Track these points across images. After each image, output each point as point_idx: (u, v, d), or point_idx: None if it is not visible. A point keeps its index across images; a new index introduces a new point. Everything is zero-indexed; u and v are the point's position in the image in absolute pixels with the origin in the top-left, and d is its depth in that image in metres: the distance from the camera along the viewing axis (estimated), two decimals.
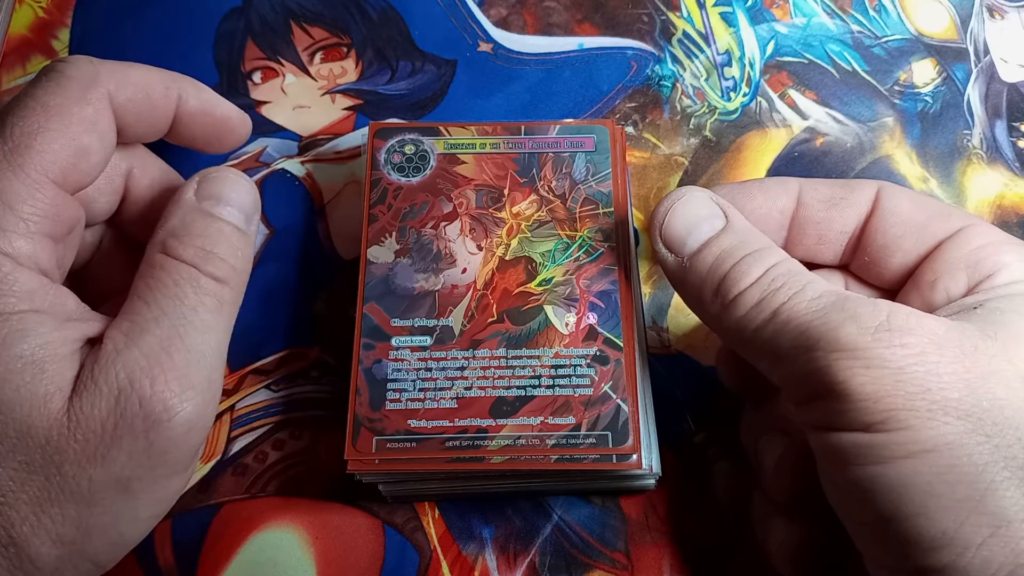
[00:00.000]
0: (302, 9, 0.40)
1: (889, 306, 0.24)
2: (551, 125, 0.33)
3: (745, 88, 0.39)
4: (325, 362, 0.34)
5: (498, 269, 0.31)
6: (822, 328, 0.24)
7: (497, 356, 0.29)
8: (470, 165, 0.33)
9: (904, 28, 0.40)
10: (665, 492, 0.32)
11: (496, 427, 0.28)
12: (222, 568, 0.30)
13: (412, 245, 0.31)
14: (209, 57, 0.39)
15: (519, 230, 0.31)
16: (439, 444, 0.28)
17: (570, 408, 0.29)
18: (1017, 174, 0.38)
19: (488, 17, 0.40)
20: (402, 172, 0.32)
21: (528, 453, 0.28)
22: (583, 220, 0.32)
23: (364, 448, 0.28)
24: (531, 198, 0.32)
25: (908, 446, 0.22)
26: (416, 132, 0.33)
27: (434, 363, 0.29)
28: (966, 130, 0.38)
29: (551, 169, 0.32)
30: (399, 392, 0.29)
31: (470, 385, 0.29)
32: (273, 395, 0.34)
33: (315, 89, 0.39)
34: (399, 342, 0.30)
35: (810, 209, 0.29)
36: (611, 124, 0.33)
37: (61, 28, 0.40)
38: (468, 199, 0.32)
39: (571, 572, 0.31)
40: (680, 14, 0.41)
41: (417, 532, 0.31)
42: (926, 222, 0.28)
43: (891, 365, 0.23)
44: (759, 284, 0.26)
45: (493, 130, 0.33)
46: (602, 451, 0.28)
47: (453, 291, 0.30)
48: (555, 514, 0.32)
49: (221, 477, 0.32)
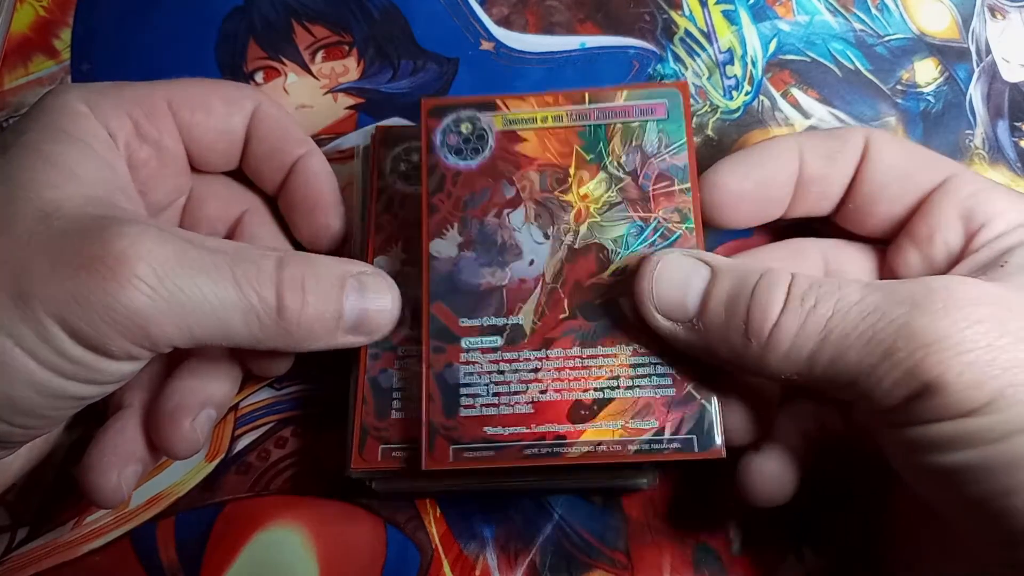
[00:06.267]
0: (304, 8, 0.40)
1: (938, 282, 0.24)
2: (618, 91, 0.30)
3: (747, 87, 0.39)
4: (327, 361, 0.34)
5: (567, 260, 0.29)
6: (891, 328, 0.23)
7: (571, 356, 0.28)
8: (531, 143, 0.30)
9: (906, 27, 0.40)
10: (665, 492, 0.32)
11: (575, 432, 0.27)
12: (226, 566, 0.31)
13: (475, 236, 0.29)
14: (211, 57, 0.39)
15: (588, 214, 0.29)
16: (518, 452, 0.27)
17: (652, 410, 0.27)
18: (1019, 174, 0.38)
19: (490, 16, 0.40)
20: (460, 155, 0.30)
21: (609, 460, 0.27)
22: (657, 199, 0.29)
23: (441, 457, 0.27)
24: (599, 177, 0.29)
25: (1018, 421, 0.22)
26: (472, 108, 0.30)
27: (506, 365, 0.28)
28: (968, 130, 0.38)
29: (620, 142, 0.29)
30: (473, 398, 0.27)
31: (545, 388, 0.27)
32: (276, 393, 0.34)
33: (317, 88, 0.39)
34: (469, 343, 0.28)
35: (812, 167, 0.29)
36: (684, 87, 0.30)
37: (63, 27, 0.40)
38: (531, 182, 0.29)
39: (571, 572, 0.31)
40: (682, 12, 0.41)
41: (418, 531, 0.32)
42: (913, 171, 0.28)
43: (979, 344, 0.22)
44: (790, 310, 0.24)
45: (555, 100, 0.30)
46: (688, 456, 0.26)
47: (521, 286, 0.28)
48: (556, 513, 0.32)
49: (225, 475, 0.32)
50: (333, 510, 0.32)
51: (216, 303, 0.25)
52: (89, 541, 0.31)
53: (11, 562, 0.31)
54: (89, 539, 0.31)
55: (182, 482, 0.32)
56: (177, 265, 0.24)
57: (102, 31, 0.40)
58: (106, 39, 0.40)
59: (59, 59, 0.39)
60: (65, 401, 0.25)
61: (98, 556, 0.31)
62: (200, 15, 0.40)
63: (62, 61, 0.39)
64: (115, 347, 0.24)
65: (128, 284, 0.23)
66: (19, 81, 0.39)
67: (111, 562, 0.31)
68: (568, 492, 0.32)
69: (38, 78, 0.39)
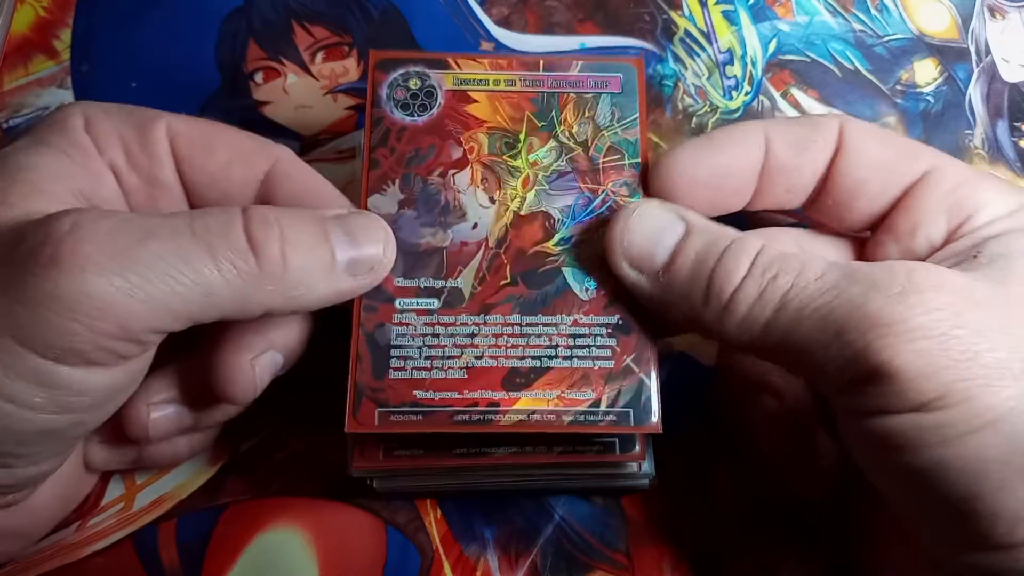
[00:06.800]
0: (304, 8, 0.40)
1: (901, 266, 0.23)
2: (573, 61, 0.30)
3: (747, 87, 0.39)
4: (329, 362, 0.34)
5: (512, 225, 0.28)
6: (846, 307, 0.22)
7: (511, 323, 0.27)
8: (482, 105, 0.29)
9: (906, 27, 0.40)
10: (666, 492, 0.32)
11: (509, 400, 0.26)
12: (227, 569, 0.31)
13: (418, 195, 0.28)
14: (211, 58, 0.39)
15: (536, 181, 0.28)
16: (447, 417, 0.26)
17: (589, 381, 0.26)
18: (1019, 174, 0.38)
19: (490, 16, 0.40)
20: (406, 110, 0.29)
21: (542, 429, 0.26)
22: (607, 172, 0.28)
23: (366, 420, 0.26)
24: (549, 145, 0.29)
25: (972, 420, 0.21)
26: (422, 64, 0.29)
27: (442, 328, 0.27)
28: (968, 130, 0.38)
29: (572, 112, 0.29)
30: (404, 360, 0.27)
31: (481, 354, 0.27)
32: (278, 395, 0.34)
33: (317, 89, 0.39)
34: (403, 304, 0.27)
35: (780, 157, 0.27)
36: (639, 62, 0.30)
37: (62, 28, 0.40)
38: (480, 144, 0.29)
39: (572, 572, 0.31)
40: (682, 12, 0.41)
41: (419, 532, 0.32)
42: (893, 164, 0.27)
43: (933, 333, 0.21)
44: (752, 277, 0.24)
45: (508, 64, 0.30)
46: (623, 429, 0.26)
47: (463, 249, 0.28)
48: (556, 514, 0.32)
49: (227, 478, 0.32)
50: (334, 512, 0.32)
51: (183, 267, 0.22)
52: (92, 543, 0.31)
53: (14, 564, 0.31)
54: (92, 541, 0.31)
55: (185, 485, 0.32)
56: (127, 237, 0.22)
57: (102, 31, 0.40)
58: (106, 39, 0.39)
59: (59, 59, 0.39)
60: (53, 434, 0.23)
61: (100, 558, 0.31)
62: (200, 15, 0.40)
63: (62, 61, 0.39)
64: (85, 345, 0.22)
65: (75, 269, 0.21)
66: (19, 82, 0.39)
67: (113, 564, 0.31)
68: (568, 493, 0.32)
69: (38, 79, 0.39)
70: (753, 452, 0.30)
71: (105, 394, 0.24)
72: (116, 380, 0.23)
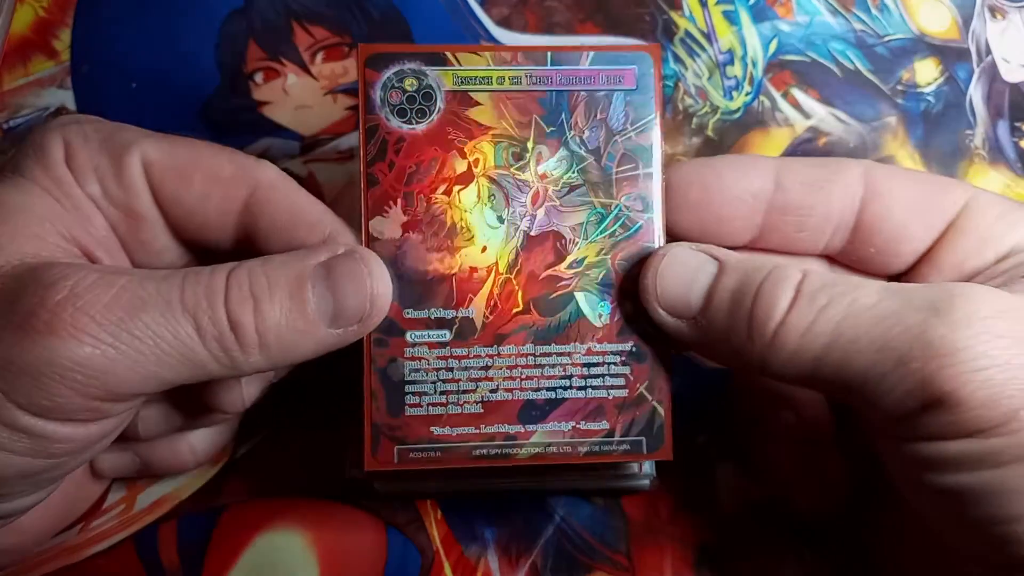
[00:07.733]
0: (303, 9, 0.40)
1: (959, 290, 0.22)
2: (583, 52, 0.27)
3: (747, 87, 0.39)
4: (329, 364, 0.34)
5: (523, 247, 0.26)
6: (906, 336, 0.22)
7: (524, 353, 0.26)
8: (486, 108, 0.27)
9: (906, 27, 0.40)
10: (667, 493, 0.32)
11: (525, 433, 0.26)
12: (227, 569, 0.31)
13: (422, 216, 0.26)
14: (211, 59, 0.39)
15: (547, 197, 0.26)
16: (466, 453, 0.26)
17: (603, 412, 0.26)
18: (1019, 174, 0.38)
19: (490, 16, 0.40)
20: (403, 116, 0.26)
21: (559, 461, 0.26)
22: (620, 184, 0.27)
23: (385, 458, 0.26)
24: (560, 154, 0.27)
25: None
26: (418, 60, 0.26)
27: (455, 362, 0.26)
28: (968, 130, 0.38)
29: (583, 114, 0.27)
30: (419, 396, 0.26)
31: (496, 387, 0.26)
32: (277, 396, 0.34)
33: (317, 89, 0.39)
34: (414, 337, 0.26)
35: (791, 193, 0.27)
36: (655, 49, 0.27)
37: (62, 28, 0.40)
38: (485, 155, 0.26)
39: (572, 573, 0.31)
40: (682, 13, 0.40)
41: (420, 533, 0.32)
42: (927, 203, 0.27)
43: (998, 361, 0.21)
44: (798, 308, 0.23)
45: (512, 58, 0.27)
46: (635, 458, 0.26)
47: (472, 275, 0.26)
48: (557, 515, 0.32)
49: (227, 479, 0.32)
50: (334, 512, 0.32)
51: (172, 339, 0.22)
52: (94, 544, 0.31)
53: (16, 565, 0.31)
54: (94, 542, 0.32)
55: (185, 486, 0.32)
56: (122, 307, 0.22)
57: (102, 32, 0.40)
58: (106, 39, 0.39)
59: (59, 60, 0.39)
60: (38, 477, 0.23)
61: (102, 559, 0.31)
62: (200, 16, 0.40)
63: (62, 62, 0.39)
64: (73, 406, 0.22)
65: (69, 337, 0.21)
66: (19, 82, 0.39)
67: (114, 565, 0.31)
68: (567, 493, 0.32)
69: (38, 79, 0.39)
70: (765, 465, 0.30)
71: (87, 444, 0.24)
72: (100, 431, 0.24)
